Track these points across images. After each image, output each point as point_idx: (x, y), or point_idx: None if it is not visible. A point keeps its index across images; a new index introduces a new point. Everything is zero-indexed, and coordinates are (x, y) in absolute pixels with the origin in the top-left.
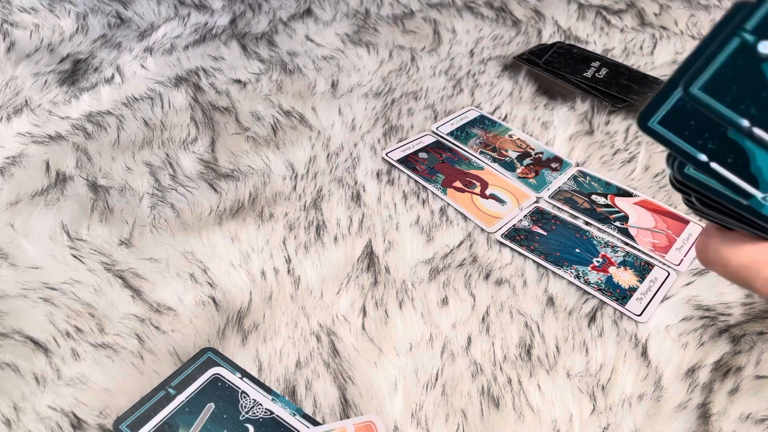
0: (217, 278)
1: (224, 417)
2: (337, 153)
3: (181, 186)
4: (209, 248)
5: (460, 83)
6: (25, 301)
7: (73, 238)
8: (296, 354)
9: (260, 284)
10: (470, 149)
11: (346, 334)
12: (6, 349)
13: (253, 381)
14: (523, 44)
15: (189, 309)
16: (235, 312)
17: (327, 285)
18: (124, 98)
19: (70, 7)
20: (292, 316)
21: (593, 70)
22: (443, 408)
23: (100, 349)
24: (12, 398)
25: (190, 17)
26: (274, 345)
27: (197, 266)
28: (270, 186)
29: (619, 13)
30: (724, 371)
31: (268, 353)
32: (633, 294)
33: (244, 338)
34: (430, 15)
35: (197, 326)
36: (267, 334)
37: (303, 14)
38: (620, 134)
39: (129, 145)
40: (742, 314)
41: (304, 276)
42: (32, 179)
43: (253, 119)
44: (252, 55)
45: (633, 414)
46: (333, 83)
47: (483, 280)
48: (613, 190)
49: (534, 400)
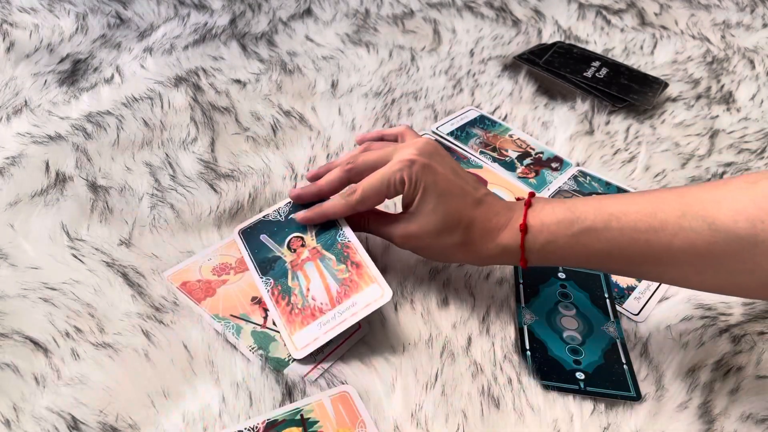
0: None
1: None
2: (337, 153)
3: (180, 186)
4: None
5: (460, 83)
6: (24, 301)
7: (73, 238)
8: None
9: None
10: (470, 149)
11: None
12: (6, 349)
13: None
14: (523, 44)
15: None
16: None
17: None
18: (123, 98)
19: (69, 7)
20: None
21: (593, 69)
22: (443, 408)
23: (100, 348)
24: (12, 398)
25: (189, 17)
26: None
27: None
28: (270, 186)
29: (619, 12)
30: (725, 371)
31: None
32: (631, 293)
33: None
34: (430, 15)
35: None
36: None
37: (303, 14)
38: (620, 134)
39: (129, 145)
40: (742, 314)
41: None
42: (32, 179)
43: (252, 119)
44: (252, 55)
45: (633, 414)
46: (333, 83)
47: (483, 280)
48: (614, 190)
49: (534, 400)
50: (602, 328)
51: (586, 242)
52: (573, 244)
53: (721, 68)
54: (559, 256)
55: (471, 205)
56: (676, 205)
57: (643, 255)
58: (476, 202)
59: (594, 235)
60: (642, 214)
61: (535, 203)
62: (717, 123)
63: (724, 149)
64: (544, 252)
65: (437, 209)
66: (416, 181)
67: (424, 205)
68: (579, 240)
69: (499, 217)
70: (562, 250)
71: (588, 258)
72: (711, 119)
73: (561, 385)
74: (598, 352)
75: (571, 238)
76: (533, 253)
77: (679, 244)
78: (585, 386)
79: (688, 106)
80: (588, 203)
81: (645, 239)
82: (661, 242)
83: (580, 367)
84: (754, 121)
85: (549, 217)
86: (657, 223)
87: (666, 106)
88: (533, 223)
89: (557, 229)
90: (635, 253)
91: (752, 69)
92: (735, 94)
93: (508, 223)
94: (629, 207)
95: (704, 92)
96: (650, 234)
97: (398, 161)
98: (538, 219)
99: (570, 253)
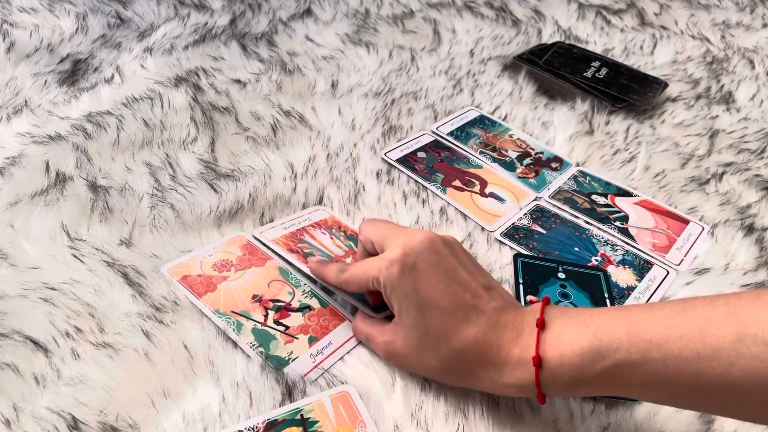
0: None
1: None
2: (337, 153)
3: (180, 186)
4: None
5: (460, 83)
6: (24, 301)
7: (73, 238)
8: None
9: None
10: (470, 149)
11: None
12: (6, 349)
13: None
14: (523, 44)
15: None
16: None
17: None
18: (123, 98)
19: (69, 8)
20: None
21: (593, 70)
22: (443, 408)
23: (100, 348)
24: (12, 398)
25: (189, 17)
26: None
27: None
28: (270, 186)
29: (619, 12)
30: None
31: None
32: (631, 293)
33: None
34: (430, 15)
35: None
36: None
37: (303, 14)
38: (620, 134)
39: (129, 145)
40: None
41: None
42: (32, 179)
43: (253, 119)
44: (252, 55)
45: (634, 414)
46: (333, 83)
47: None
48: (613, 190)
49: (534, 400)
50: None
51: (620, 377)
52: (605, 380)
53: (721, 68)
54: (590, 390)
55: (463, 322)
56: (727, 327)
57: (691, 388)
58: (471, 318)
59: (630, 370)
60: (687, 340)
61: (549, 322)
62: (717, 123)
63: (723, 149)
64: (568, 390)
65: (417, 323)
66: (391, 289)
67: (404, 318)
68: (612, 374)
69: (502, 342)
70: (591, 386)
71: (625, 391)
72: (711, 119)
73: None
74: None
75: (601, 372)
76: (553, 390)
77: (738, 374)
78: None
79: (688, 106)
80: (617, 324)
81: (694, 370)
82: (715, 373)
83: None
84: (754, 121)
85: (570, 346)
86: (708, 351)
87: (666, 106)
88: (551, 356)
89: (582, 363)
90: (681, 386)
91: (752, 69)
92: (735, 94)
93: (517, 351)
94: (671, 331)
95: (704, 92)
96: (701, 363)
97: (382, 258)
98: (557, 350)
99: (601, 387)
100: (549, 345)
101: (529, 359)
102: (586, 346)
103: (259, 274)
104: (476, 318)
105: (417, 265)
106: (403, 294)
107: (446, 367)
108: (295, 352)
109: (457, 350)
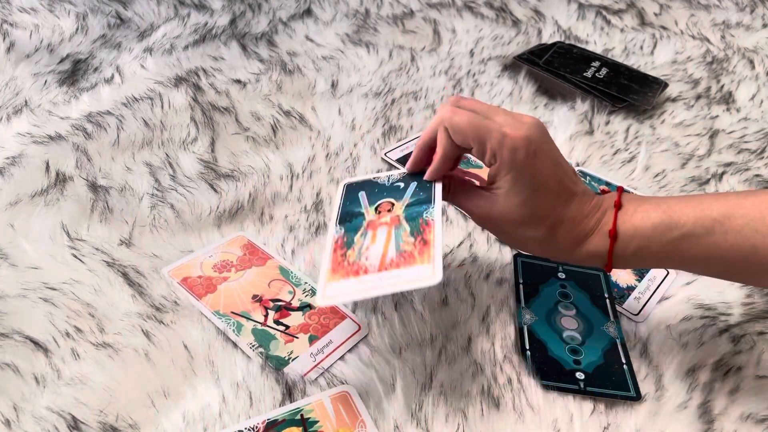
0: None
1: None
2: (337, 153)
3: (181, 186)
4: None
5: (460, 83)
6: (24, 301)
7: (73, 238)
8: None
9: None
10: None
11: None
12: (6, 349)
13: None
14: (523, 44)
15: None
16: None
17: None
18: (123, 98)
19: (69, 8)
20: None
21: (593, 70)
22: (443, 408)
23: (100, 348)
24: (12, 398)
25: (189, 17)
26: None
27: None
28: (270, 186)
29: (619, 13)
30: (725, 371)
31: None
32: (631, 293)
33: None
34: (430, 15)
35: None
36: None
37: (303, 14)
38: (620, 134)
39: (129, 145)
40: (742, 314)
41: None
42: (32, 179)
43: (252, 119)
44: (252, 55)
45: (633, 414)
46: (333, 83)
47: (483, 280)
48: (613, 190)
49: (534, 400)
50: (602, 328)
51: (683, 248)
52: (669, 251)
53: (721, 68)
54: (650, 262)
55: (563, 203)
56: None
57: (746, 261)
58: (569, 200)
59: (693, 241)
60: (749, 219)
61: (625, 204)
62: (717, 123)
63: (723, 149)
64: (634, 258)
65: (527, 202)
66: (509, 169)
67: (514, 194)
68: (676, 246)
69: (588, 219)
70: (654, 256)
71: (682, 263)
72: (711, 119)
73: (561, 385)
74: (598, 352)
75: (667, 244)
76: (622, 259)
77: None
78: (585, 386)
79: (688, 106)
80: (687, 205)
81: (751, 244)
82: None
83: (579, 367)
84: (754, 121)
85: (643, 221)
86: (766, 228)
87: (666, 106)
88: (625, 229)
89: (652, 235)
90: (738, 259)
91: (752, 69)
92: (735, 94)
93: (597, 226)
94: (735, 210)
95: (704, 92)
96: (758, 238)
97: (502, 132)
98: (631, 224)
99: (663, 258)
100: (624, 220)
101: (606, 232)
102: (657, 220)
103: (259, 273)
104: (572, 200)
105: (537, 153)
106: (520, 176)
107: (541, 238)
108: (296, 352)
109: (556, 227)
